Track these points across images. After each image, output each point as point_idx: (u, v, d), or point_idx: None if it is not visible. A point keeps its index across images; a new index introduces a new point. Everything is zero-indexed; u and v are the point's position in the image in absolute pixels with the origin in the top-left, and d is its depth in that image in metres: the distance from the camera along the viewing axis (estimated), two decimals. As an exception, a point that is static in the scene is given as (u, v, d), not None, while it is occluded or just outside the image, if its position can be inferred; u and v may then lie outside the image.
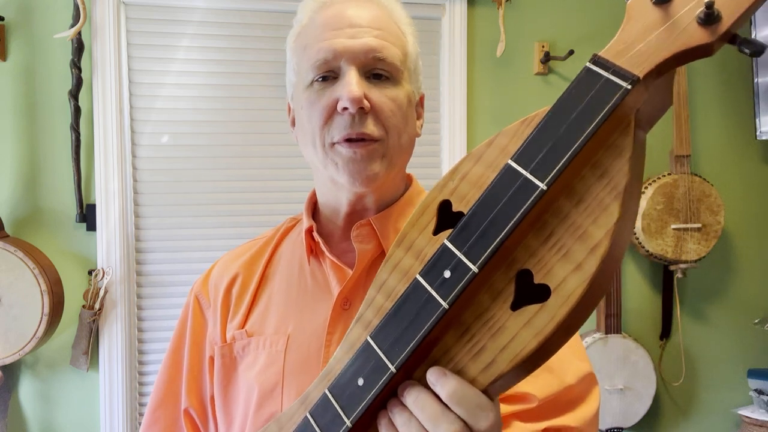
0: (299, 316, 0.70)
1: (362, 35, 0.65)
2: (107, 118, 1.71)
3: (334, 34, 0.66)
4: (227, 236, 1.80)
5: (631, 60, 0.40)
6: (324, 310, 0.68)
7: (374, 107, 0.65)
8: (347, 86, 0.63)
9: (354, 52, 0.65)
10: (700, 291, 2.06)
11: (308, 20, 0.70)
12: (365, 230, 0.70)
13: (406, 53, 0.71)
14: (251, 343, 0.70)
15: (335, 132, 0.65)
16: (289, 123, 0.76)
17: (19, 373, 1.71)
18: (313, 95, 0.66)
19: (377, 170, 0.66)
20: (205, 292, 0.78)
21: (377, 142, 0.65)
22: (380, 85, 0.66)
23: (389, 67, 0.66)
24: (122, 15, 1.74)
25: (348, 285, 0.68)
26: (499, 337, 0.42)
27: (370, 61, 0.65)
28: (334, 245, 0.73)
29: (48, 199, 1.71)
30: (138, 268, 1.77)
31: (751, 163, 2.08)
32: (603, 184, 0.40)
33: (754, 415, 1.96)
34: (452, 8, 1.88)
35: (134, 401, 1.76)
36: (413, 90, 0.72)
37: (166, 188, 1.79)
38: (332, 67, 0.65)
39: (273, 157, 1.83)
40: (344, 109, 0.64)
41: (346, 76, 0.64)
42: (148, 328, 1.78)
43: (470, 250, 0.42)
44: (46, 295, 1.54)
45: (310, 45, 0.67)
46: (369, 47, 0.65)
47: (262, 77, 1.82)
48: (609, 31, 1.98)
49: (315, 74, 0.66)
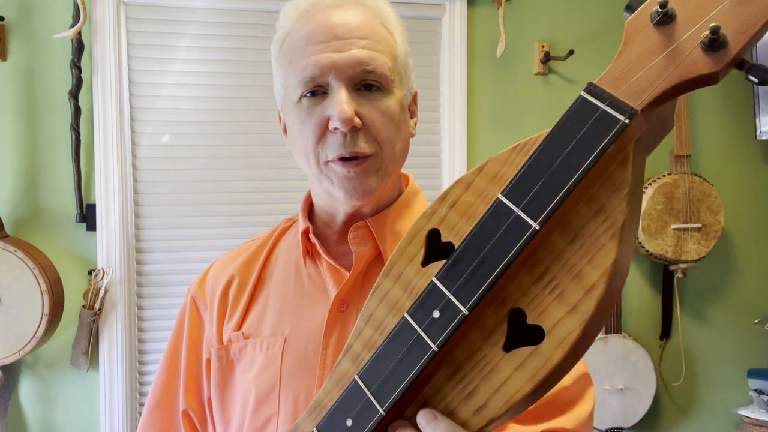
0: (296, 317, 0.69)
1: (349, 47, 0.63)
2: (107, 118, 1.71)
3: (320, 48, 0.63)
4: (227, 236, 1.80)
5: (629, 90, 0.38)
6: (321, 312, 0.68)
7: (365, 123, 0.64)
8: (338, 106, 0.62)
9: (341, 66, 0.62)
10: (700, 291, 2.06)
11: (291, 27, 0.68)
12: (362, 232, 0.70)
13: (395, 58, 0.68)
14: (248, 345, 0.70)
15: (329, 151, 0.64)
16: (281, 130, 0.76)
17: (19, 373, 1.71)
18: (303, 113, 0.65)
19: (373, 185, 0.66)
20: (202, 294, 0.77)
21: (371, 158, 0.65)
22: (370, 96, 0.65)
23: (379, 78, 0.64)
24: (122, 15, 1.74)
25: (345, 287, 0.68)
26: (492, 379, 0.40)
27: (358, 75, 0.63)
28: (331, 247, 0.73)
29: (48, 199, 1.71)
30: (138, 268, 1.77)
31: (751, 163, 2.08)
32: (599, 222, 0.38)
33: (754, 415, 1.96)
34: (452, 8, 1.88)
35: (134, 401, 1.76)
36: (405, 93, 0.70)
37: (166, 188, 1.79)
38: (320, 83, 0.64)
39: (272, 157, 1.83)
40: (336, 129, 0.63)
41: (335, 93, 0.63)
42: (148, 328, 1.78)
43: (460, 291, 0.40)
44: (46, 295, 1.54)
45: (296, 60, 0.65)
46: (357, 60, 0.63)
47: (262, 77, 1.82)
48: (609, 31, 1.98)
49: (303, 90, 0.65)
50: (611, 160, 0.38)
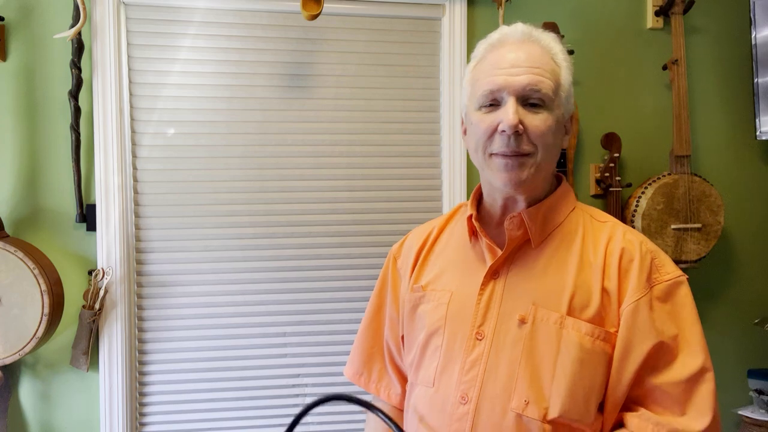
0: (461, 279, 0.95)
1: (522, 73, 0.85)
2: (107, 118, 1.71)
3: (499, 72, 0.86)
4: (227, 236, 1.80)
5: None
6: (478, 277, 0.92)
7: (527, 129, 0.85)
8: (507, 114, 0.84)
9: (514, 86, 0.85)
10: (700, 291, 2.06)
11: (481, 56, 0.92)
12: (516, 221, 0.90)
13: (558, 84, 0.88)
14: (426, 294, 0.98)
15: (495, 146, 0.87)
16: (461, 132, 1.08)
17: (19, 373, 1.71)
18: (482, 116, 0.88)
19: (524, 177, 0.87)
20: (400, 255, 1.09)
21: (528, 156, 0.86)
22: (534, 110, 0.85)
23: (543, 97, 0.85)
24: (122, 15, 1.74)
25: (498, 260, 0.91)
26: None
27: (527, 93, 0.85)
28: (490, 229, 0.96)
29: (48, 199, 1.71)
30: (138, 268, 1.77)
31: (751, 163, 2.08)
32: None
33: (754, 415, 1.96)
34: (452, 8, 1.88)
35: (134, 401, 1.76)
36: (563, 112, 0.90)
37: (166, 188, 1.79)
38: (496, 97, 0.86)
39: (272, 157, 1.83)
40: (503, 131, 0.85)
41: (506, 104, 0.85)
42: (148, 328, 1.78)
43: None
44: (46, 295, 1.54)
45: (482, 78, 0.89)
46: (527, 82, 0.84)
47: (262, 78, 1.82)
48: (609, 31, 1.98)
49: (484, 101, 0.88)
50: None
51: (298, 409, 1.85)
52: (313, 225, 1.85)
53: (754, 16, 1.92)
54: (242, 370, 1.82)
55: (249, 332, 1.82)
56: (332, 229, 1.86)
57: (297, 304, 1.84)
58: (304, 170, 1.84)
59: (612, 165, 1.91)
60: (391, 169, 1.87)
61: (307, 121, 1.85)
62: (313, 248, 1.85)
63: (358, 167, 1.86)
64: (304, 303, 1.85)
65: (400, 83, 1.89)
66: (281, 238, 1.84)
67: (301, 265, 1.84)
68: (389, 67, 1.89)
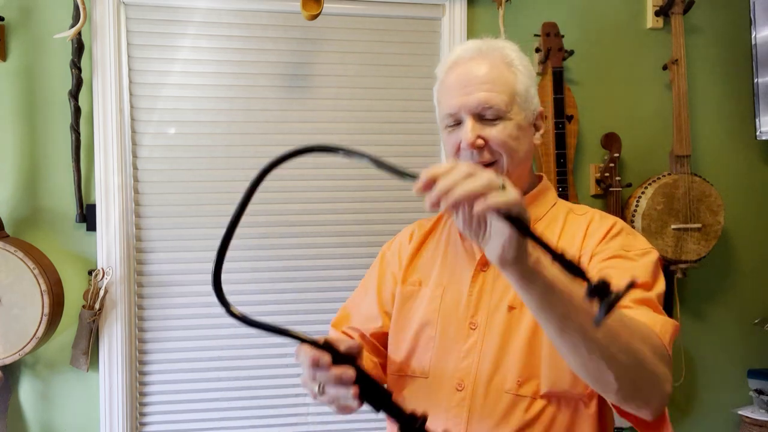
0: (452, 273, 1.00)
1: (474, 92, 0.92)
2: (107, 118, 1.71)
3: (454, 93, 0.94)
4: (227, 236, 1.80)
5: None
6: (469, 271, 0.98)
7: (488, 141, 0.92)
8: (465, 133, 0.92)
9: (468, 106, 0.92)
10: (700, 291, 2.06)
11: (441, 79, 1.00)
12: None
13: (514, 92, 0.94)
14: (421, 289, 1.02)
15: (463, 160, 0.93)
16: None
17: (19, 373, 1.71)
18: (446, 136, 0.97)
19: None
20: (388, 249, 1.12)
21: (493, 164, 0.93)
22: (492, 123, 0.92)
23: (496, 111, 0.92)
24: (122, 15, 1.74)
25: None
26: None
27: (481, 111, 0.92)
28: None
29: (48, 199, 1.71)
30: (138, 268, 1.77)
31: (751, 163, 2.08)
32: None
33: (754, 415, 1.96)
34: (452, 8, 1.88)
35: (134, 401, 1.76)
36: (524, 116, 0.95)
37: (166, 188, 1.79)
38: (456, 118, 0.94)
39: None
40: (465, 148, 0.93)
41: (465, 123, 0.92)
42: (148, 328, 1.78)
43: None
44: (46, 295, 1.54)
45: (443, 101, 0.97)
46: (479, 101, 0.91)
47: (262, 78, 1.82)
48: (609, 31, 1.98)
49: (447, 122, 0.96)
50: None
51: (298, 408, 1.85)
52: (313, 225, 1.85)
53: (754, 16, 1.92)
54: (242, 370, 1.82)
55: (249, 332, 1.82)
56: (332, 229, 1.86)
57: (297, 303, 1.84)
58: (304, 170, 1.84)
59: (612, 165, 1.91)
60: (391, 169, 1.86)
61: (308, 121, 1.85)
62: (314, 248, 1.85)
63: (359, 167, 1.86)
64: (305, 303, 1.85)
65: (400, 83, 1.89)
66: (281, 238, 1.84)
67: (302, 264, 1.84)
68: (389, 67, 1.89)
